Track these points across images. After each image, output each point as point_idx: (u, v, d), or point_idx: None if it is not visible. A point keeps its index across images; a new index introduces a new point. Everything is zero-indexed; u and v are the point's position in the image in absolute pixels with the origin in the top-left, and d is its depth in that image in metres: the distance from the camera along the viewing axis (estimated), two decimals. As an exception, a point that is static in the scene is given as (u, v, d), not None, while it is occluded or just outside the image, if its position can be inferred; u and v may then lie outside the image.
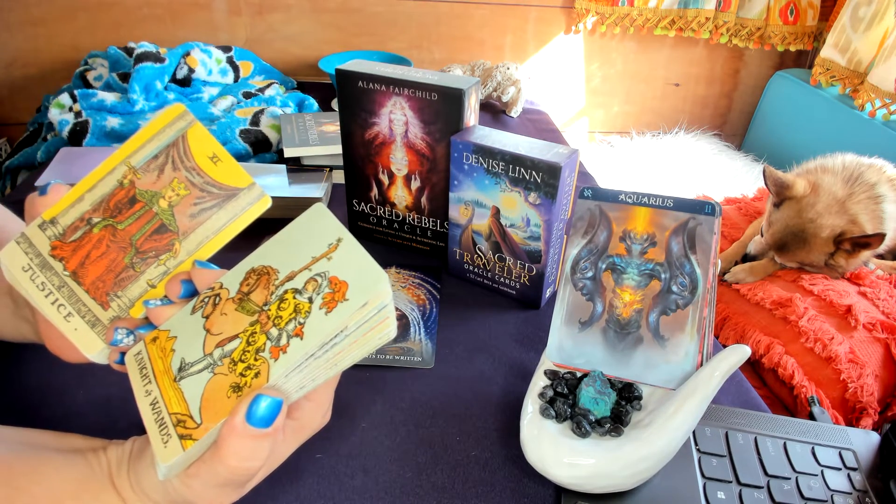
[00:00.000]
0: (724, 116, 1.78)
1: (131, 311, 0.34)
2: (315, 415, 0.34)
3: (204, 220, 0.34)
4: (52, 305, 0.33)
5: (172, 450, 0.28)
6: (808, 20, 1.58)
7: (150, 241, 0.34)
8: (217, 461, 0.28)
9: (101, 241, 0.34)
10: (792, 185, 0.95)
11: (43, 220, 0.34)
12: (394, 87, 0.60)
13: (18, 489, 0.30)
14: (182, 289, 0.33)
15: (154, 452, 0.29)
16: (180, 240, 0.34)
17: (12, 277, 0.34)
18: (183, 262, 0.34)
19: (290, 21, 1.37)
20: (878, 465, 0.47)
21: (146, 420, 0.30)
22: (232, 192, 0.34)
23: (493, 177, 0.58)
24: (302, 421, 0.33)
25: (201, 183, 0.34)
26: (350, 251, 0.31)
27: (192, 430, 0.29)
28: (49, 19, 1.25)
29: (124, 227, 0.34)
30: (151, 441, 0.29)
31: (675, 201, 0.44)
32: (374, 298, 0.29)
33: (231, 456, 0.28)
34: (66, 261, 0.33)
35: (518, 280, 0.62)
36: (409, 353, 0.55)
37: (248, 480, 0.31)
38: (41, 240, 0.34)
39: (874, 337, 0.85)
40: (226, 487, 0.30)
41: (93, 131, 0.90)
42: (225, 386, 0.29)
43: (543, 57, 1.57)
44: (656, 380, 0.43)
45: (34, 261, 0.33)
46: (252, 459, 0.29)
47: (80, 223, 0.34)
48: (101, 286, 0.33)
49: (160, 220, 0.34)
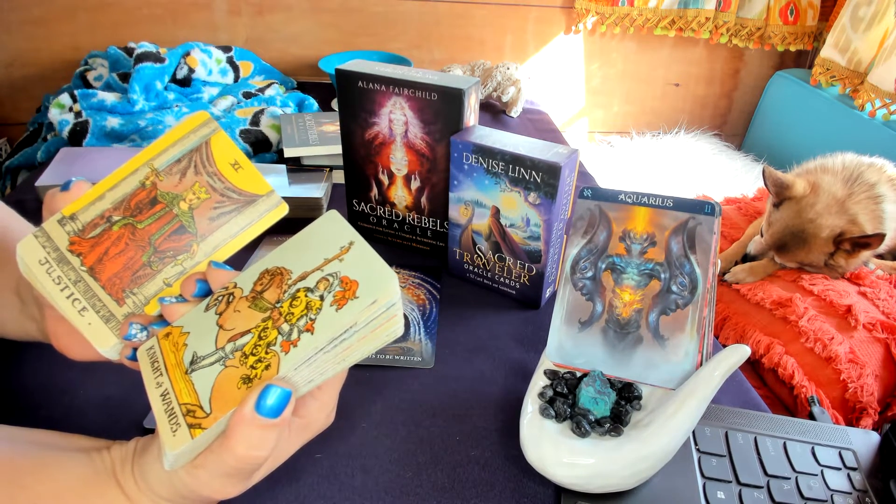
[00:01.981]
0: (724, 116, 1.78)
1: (146, 308, 0.34)
2: (320, 414, 0.34)
3: (222, 224, 0.36)
4: (67, 299, 0.33)
5: (181, 438, 0.29)
6: (808, 20, 1.58)
7: (169, 241, 0.35)
8: (225, 450, 0.29)
9: (121, 238, 0.35)
10: (792, 186, 0.95)
11: (63, 215, 0.34)
12: (394, 87, 0.60)
13: (24, 487, 0.30)
14: (197, 287, 0.33)
15: (162, 441, 0.29)
16: (198, 241, 0.35)
17: (28, 270, 0.34)
18: (199, 263, 0.35)
19: (290, 21, 1.37)
20: (877, 464, 0.47)
21: (156, 410, 0.30)
22: (251, 198, 0.36)
23: (492, 177, 0.58)
24: (307, 419, 0.34)
25: (222, 188, 0.36)
26: (361, 253, 0.32)
27: (201, 420, 0.29)
28: (49, 19, 1.25)
29: (144, 226, 0.35)
30: (160, 430, 0.30)
31: (675, 201, 0.44)
32: (383, 296, 0.30)
33: (239, 444, 0.28)
34: (83, 256, 0.34)
35: (518, 280, 0.62)
36: (409, 352, 0.55)
37: (253, 471, 0.31)
38: (60, 234, 0.34)
39: (874, 337, 0.85)
40: (232, 478, 0.30)
41: (93, 131, 0.90)
42: (235, 378, 0.30)
43: (543, 57, 1.57)
44: (656, 380, 0.43)
45: (51, 255, 0.34)
46: (259, 449, 0.29)
47: (100, 220, 0.35)
48: (117, 283, 0.34)
49: (180, 221, 0.35)
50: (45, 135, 1.04)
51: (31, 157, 1.01)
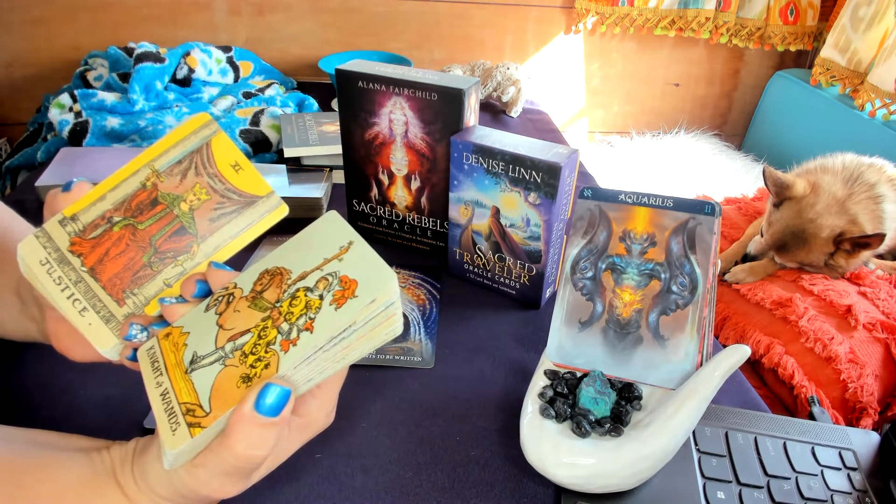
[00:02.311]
0: (724, 116, 1.78)
1: (146, 308, 0.35)
2: (320, 414, 0.34)
3: (222, 225, 0.36)
4: (67, 300, 0.34)
5: (180, 437, 0.29)
6: (808, 20, 1.58)
7: (170, 242, 0.35)
8: (224, 448, 0.29)
9: (121, 239, 0.35)
10: (792, 186, 0.95)
11: (63, 216, 0.35)
12: (394, 88, 0.60)
13: (23, 487, 0.30)
14: (197, 288, 0.34)
15: (161, 440, 0.29)
16: (198, 242, 0.35)
17: (28, 271, 0.34)
18: (200, 263, 0.35)
19: (290, 21, 1.37)
20: (877, 465, 0.47)
21: (155, 410, 0.30)
22: (251, 199, 0.36)
23: (493, 177, 0.58)
24: (307, 419, 0.34)
25: (222, 189, 0.36)
26: (361, 253, 0.32)
27: (200, 419, 0.29)
28: (49, 19, 1.25)
29: (145, 227, 0.35)
30: (160, 429, 0.30)
31: (675, 201, 0.44)
32: (382, 295, 0.30)
33: (239, 443, 0.29)
34: (84, 257, 0.34)
35: (518, 280, 0.62)
36: (409, 352, 0.55)
37: (252, 470, 0.31)
38: (60, 235, 0.34)
39: (874, 337, 0.85)
40: (231, 476, 0.30)
41: (93, 131, 0.90)
42: (235, 377, 0.30)
43: (543, 57, 1.57)
44: (656, 380, 0.43)
45: (52, 255, 0.34)
46: (259, 448, 0.29)
47: (101, 221, 0.35)
48: (118, 283, 0.34)
49: (180, 222, 0.35)
50: (45, 135, 1.04)
51: (31, 158, 1.01)
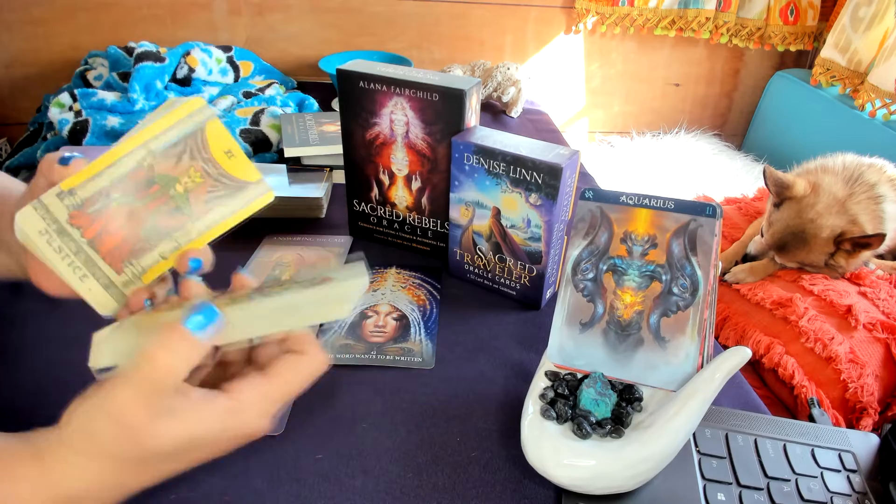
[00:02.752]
0: (724, 116, 1.78)
1: (143, 277, 0.38)
2: (252, 408, 0.33)
3: (214, 207, 0.38)
4: (68, 267, 0.36)
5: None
6: (809, 20, 1.58)
7: (165, 220, 0.38)
8: (145, 359, 0.30)
9: (119, 215, 0.37)
10: (792, 186, 0.95)
11: (61, 189, 0.36)
12: (395, 88, 0.60)
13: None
14: (190, 266, 0.37)
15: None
16: (192, 222, 0.38)
17: (26, 238, 0.35)
18: (193, 240, 0.38)
19: (290, 21, 1.37)
20: (877, 467, 0.47)
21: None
22: (242, 185, 0.39)
23: (493, 177, 0.58)
24: (238, 404, 0.33)
25: (216, 174, 0.38)
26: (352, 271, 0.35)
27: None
28: (49, 19, 1.25)
29: (142, 204, 0.37)
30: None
31: (676, 203, 0.44)
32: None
33: (160, 349, 0.30)
34: (83, 229, 0.36)
35: (518, 281, 0.62)
36: (410, 353, 0.55)
37: (170, 395, 0.31)
38: (59, 208, 0.36)
39: (874, 337, 0.85)
40: (150, 401, 0.30)
41: (93, 130, 0.90)
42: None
43: (543, 57, 1.57)
44: (657, 381, 0.43)
45: (51, 226, 0.35)
46: (179, 359, 0.31)
47: (100, 196, 0.36)
48: (117, 254, 0.37)
49: (175, 202, 0.38)
50: (45, 134, 1.04)
51: (31, 157, 1.00)
